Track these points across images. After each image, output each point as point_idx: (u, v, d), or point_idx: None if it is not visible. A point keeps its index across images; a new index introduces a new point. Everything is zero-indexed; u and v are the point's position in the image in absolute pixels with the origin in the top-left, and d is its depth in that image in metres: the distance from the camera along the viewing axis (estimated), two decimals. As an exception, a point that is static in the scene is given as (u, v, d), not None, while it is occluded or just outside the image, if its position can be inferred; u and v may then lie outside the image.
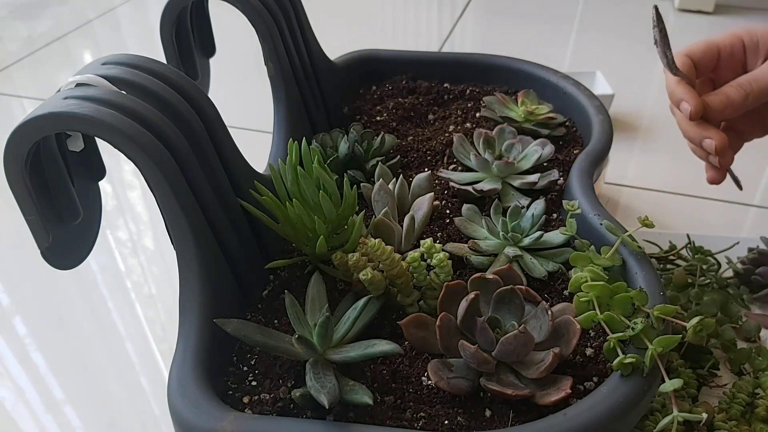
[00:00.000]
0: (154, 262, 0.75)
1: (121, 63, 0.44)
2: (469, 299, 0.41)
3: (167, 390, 0.40)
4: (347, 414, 0.40)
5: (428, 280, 0.46)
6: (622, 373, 0.39)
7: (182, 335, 0.43)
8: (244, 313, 0.48)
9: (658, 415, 0.47)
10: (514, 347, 0.40)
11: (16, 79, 1.14)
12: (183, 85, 0.46)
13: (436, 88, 0.75)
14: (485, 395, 0.41)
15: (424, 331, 0.43)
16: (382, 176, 0.58)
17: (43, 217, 0.42)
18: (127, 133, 0.39)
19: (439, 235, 0.54)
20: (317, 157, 0.48)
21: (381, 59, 0.77)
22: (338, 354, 0.41)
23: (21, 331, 0.67)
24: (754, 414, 0.48)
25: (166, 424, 0.57)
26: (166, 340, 0.65)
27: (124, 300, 0.70)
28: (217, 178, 0.46)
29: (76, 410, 0.59)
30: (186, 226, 0.43)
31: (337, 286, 0.50)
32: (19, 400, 0.60)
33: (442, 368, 0.41)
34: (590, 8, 1.30)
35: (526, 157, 0.59)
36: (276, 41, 0.61)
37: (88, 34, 1.29)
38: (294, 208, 0.47)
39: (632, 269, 0.46)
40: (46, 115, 0.38)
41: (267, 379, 0.42)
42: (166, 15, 0.59)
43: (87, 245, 0.47)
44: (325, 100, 0.70)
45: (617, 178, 0.83)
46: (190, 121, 0.44)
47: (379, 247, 0.44)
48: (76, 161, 0.46)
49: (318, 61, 0.71)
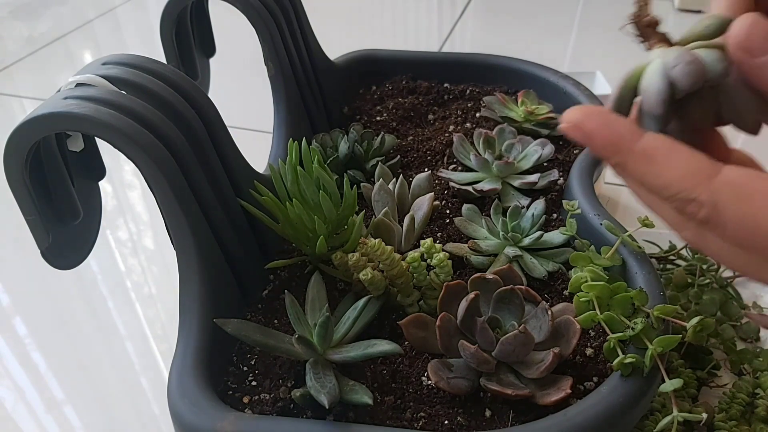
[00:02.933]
0: (154, 262, 0.75)
1: (121, 63, 0.44)
2: (469, 299, 0.41)
3: (167, 390, 0.40)
4: (347, 414, 0.40)
5: (428, 280, 0.46)
6: (622, 373, 0.39)
7: (182, 335, 0.43)
8: (244, 313, 0.48)
9: (658, 415, 0.47)
10: (514, 347, 0.40)
11: (16, 79, 1.14)
12: (183, 85, 0.46)
13: (436, 88, 0.75)
14: (485, 395, 0.41)
15: (424, 331, 0.43)
16: (382, 176, 0.58)
17: (43, 217, 0.42)
18: (127, 133, 0.39)
19: (439, 235, 0.54)
20: (317, 157, 0.48)
21: (381, 59, 0.77)
22: (338, 354, 0.41)
23: (21, 331, 0.67)
24: (754, 414, 0.48)
25: (166, 424, 0.57)
26: (166, 340, 0.65)
27: (124, 300, 0.70)
28: (217, 178, 0.46)
29: (76, 410, 0.59)
30: (186, 226, 0.42)
31: (337, 286, 0.50)
32: (19, 400, 0.60)
33: (442, 368, 0.41)
34: (590, 8, 1.30)
35: (526, 157, 0.59)
36: (276, 41, 0.61)
37: (88, 34, 1.29)
38: (294, 208, 0.47)
39: (632, 269, 0.46)
40: (46, 115, 0.38)
41: (267, 379, 0.42)
42: (166, 15, 0.59)
43: (87, 245, 0.47)
44: (325, 100, 0.70)
45: (617, 178, 0.83)
46: (190, 121, 0.44)
47: (379, 247, 0.44)
48: (76, 161, 0.46)
49: (318, 61, 0.70)
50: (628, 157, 0.23)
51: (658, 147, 0.23)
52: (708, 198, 0.22)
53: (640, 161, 0.23)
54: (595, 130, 0.24)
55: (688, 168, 0.23)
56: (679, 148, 0.23)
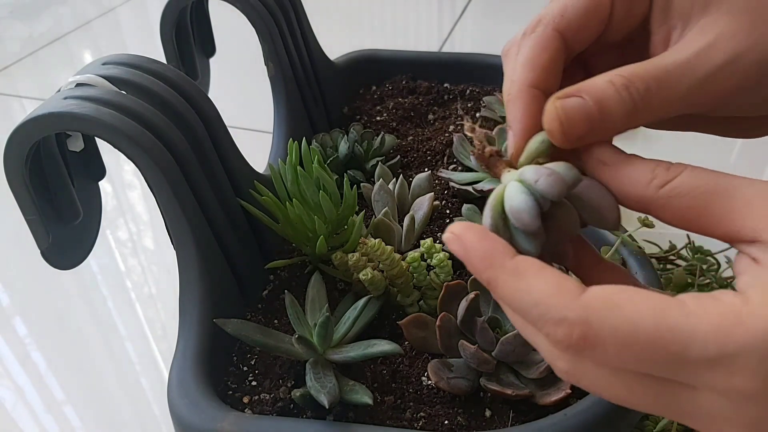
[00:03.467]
0: (154, 262, 0.75)
1: (121, 63, 0.44)
2: (469, 299, 0.41)
3: (167, 390, 0.40)
4: (347, 414, 0.40)
5: (428, 280, 0.46)
6: (622, 373, 0.39)
7: (182, 335, 0.43)
8: (244, 313, 0.48)
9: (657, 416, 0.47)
10: (514, 347, 0.40)
11: (16, 79, 1.14)
12: (183, 85, 0.46)
13: (436, 88, 0.75)
14: (485, 395, 0.41)
15: (424, 331, 0.43)
16: (382, 176, 0.58)
17: (43, 217, 0.42)
18: (128, 134, 0.39)
19: (439, 235, 0.54)
20: (317, 157, 0.48)
21: (381, 59, 0.77)
22: (338, 354, 0.41)
23: (21, 331, 0.67)
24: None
25: (166, 424, 0.57)
26: (166, 340, 0.65)
27: (124, 300, 0.70)
28: (217, 178, 0.46)
29: (76, 410, 0.59)
30: (186, 226, 0.42)
31: (337, 286, 0.50)
32: (19, 400, 0.60)
33: (442, 368, 0.41)
34: (590, 8, 1.30)
35: (526, 157, 0.59)
36: (276, 41, 0.61)
37: (88, 34, 1.29)
38: (294, 208, 0.47)
39: (632, 269, 0.46)
40: (46, 115, 0.38)
41: (267, 379, 0.42)
42: (166, 15, 0.59)
43: (87, 245, 0.47)
44: (325, 100, 0.70)
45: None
46: (190, 121, 0.44)
47: (379, 247, 0.44)
48: (76, 161, 0.46)
49: (318, 61, 0.70)
50: (500, 273, 0.23)
51: (529, 265, 0.23)
52: (578, 315, 0.22)
53: (511, 277, 0.23)
54: (472, 242, 0.24)
55: (557, 286, 0.22)
56: (548, 268, 0.23)
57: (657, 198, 0.23)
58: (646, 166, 0.24)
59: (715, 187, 0.23)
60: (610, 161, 0.26)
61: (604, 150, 0.26)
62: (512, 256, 0.24)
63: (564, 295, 0.22)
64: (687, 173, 0.23)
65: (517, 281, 0.23)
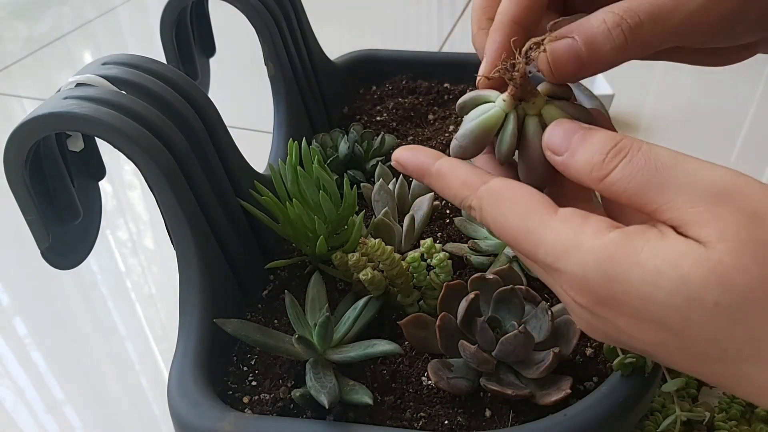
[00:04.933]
0: (154, 262, 0.75)
1: (121, 63, 0.44)
2: (469, 299, 0.41)
3: (167, 390, 0.40)
4: (347, 414, 0.40)
5: (428, 280, 0.46)
6: (623, 373, 0.39)
7: (182, 335, 0.43)
8: (244, 313, 0.48)
9: (657, 416, 0.47)
10: (514, 347, 0.40)
11: (16, 79, 1.14)
12: (183, 85, 0.46)
13: (436, 88, 0.75)
14: (485, 395, 0.41)
15: (424, 331, 0.43)
16: (382, 176, 0.58)
17: (43, 217, 0.42)
18: (127, 134, 0.39)
19: (439, 235, 0.54)
20: (317, 157, 0.48)
21: (381, 59, 0.77)
22: (338, 354, 0.41)
23: (21, 331, 0.67)
24: (754, 414, 0.48)
25: (166, 424, 0.57)
26: (166, 340, 0.65)
27: (124, 300, 0.70)
28: (217, 178, 0.46)
29: (76, 410, 0.59)
30: (186, 226, 0.43)
31: (337, 286, 0.50)
32: (19, 400, 0.60)
33: (442, 368, 0.41)
34: (590, 8, 1.30)
35: (526, 157, 0.59)
36: (276, 41, 0.61)
37: (88, 34, 1.29)
38: (294, 208, 0.47)
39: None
40: (46, 115, 0.38)
41: (267, 379, 0.42)
42: (166, 15, 0.59)
43: (87, 245, 0.47)
44: (325, 100, 0.70)
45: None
46: (190, 121, 0.44)
47: (379, 247, 0.44)
48: (76, 161, 0.46)
49: (318, 61, 0.70)
50: (430, 178, 0.30)
51: (447, 165, 0.29)
52: (476, 203, 0.28)
53: (436, 179, 0.29)
54: (407, 158, 0.30)
55: (465, 179, 0.28)
56: (461, 165, 0.29)
57: (596, 188, 0.26)
58: (588, 157, 0.26)
59: (648, 180, 0.24)
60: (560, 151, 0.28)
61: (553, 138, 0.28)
62: (437, 161, 0.29)
63: (470, 186, 0.28)
64: (621, 166, 0.25)
65: (440, 181, 0.29)
